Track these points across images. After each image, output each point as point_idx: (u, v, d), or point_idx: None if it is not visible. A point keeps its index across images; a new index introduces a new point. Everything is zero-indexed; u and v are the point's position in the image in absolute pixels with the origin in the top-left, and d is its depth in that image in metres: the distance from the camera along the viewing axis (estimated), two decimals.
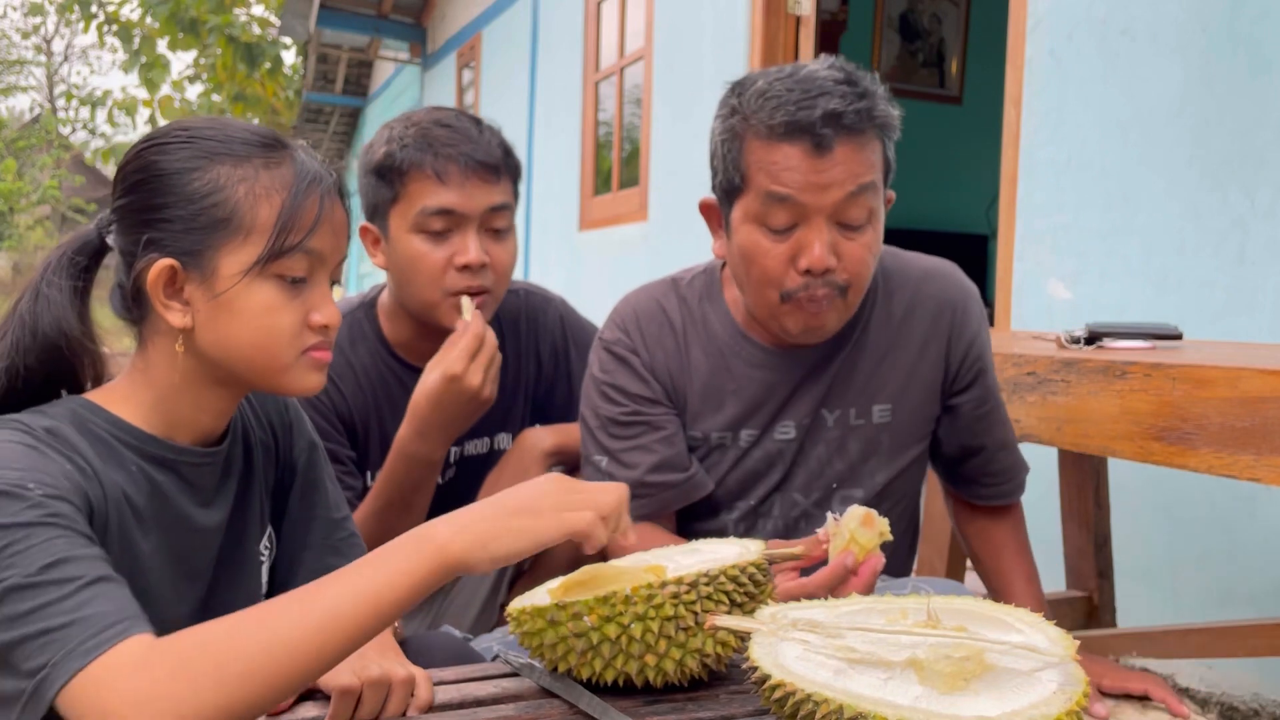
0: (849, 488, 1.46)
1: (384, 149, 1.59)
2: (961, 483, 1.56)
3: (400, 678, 1.00)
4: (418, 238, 1.57)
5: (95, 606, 0.82)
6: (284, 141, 1.04)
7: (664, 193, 5.00)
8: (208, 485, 1.08)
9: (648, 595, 0.99)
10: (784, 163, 1.27)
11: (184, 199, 0.99)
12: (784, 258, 1.31)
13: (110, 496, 0.96)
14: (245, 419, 1.15)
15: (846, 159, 1.27)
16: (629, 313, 1.50)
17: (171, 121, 1.04)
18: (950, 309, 1.47)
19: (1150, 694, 1.39)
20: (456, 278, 1.57)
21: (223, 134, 1.01)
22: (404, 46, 10.39)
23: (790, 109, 1.26)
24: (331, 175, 1.05)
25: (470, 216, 1.57)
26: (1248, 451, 1.28)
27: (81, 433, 0.98)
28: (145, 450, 1.02)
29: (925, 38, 6.26)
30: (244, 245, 0.99)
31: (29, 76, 27.01)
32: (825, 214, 1.28)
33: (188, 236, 0.99)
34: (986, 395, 1.50)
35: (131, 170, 1.01)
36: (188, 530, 1.05)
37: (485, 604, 1.82)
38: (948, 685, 0.84)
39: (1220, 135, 2.25)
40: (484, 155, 1.57)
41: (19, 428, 0.94)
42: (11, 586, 0.82)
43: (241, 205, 0.99)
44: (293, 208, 1.00)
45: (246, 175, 1.00)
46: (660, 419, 1.45)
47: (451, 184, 1.55)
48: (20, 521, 0.85)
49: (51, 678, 0.79)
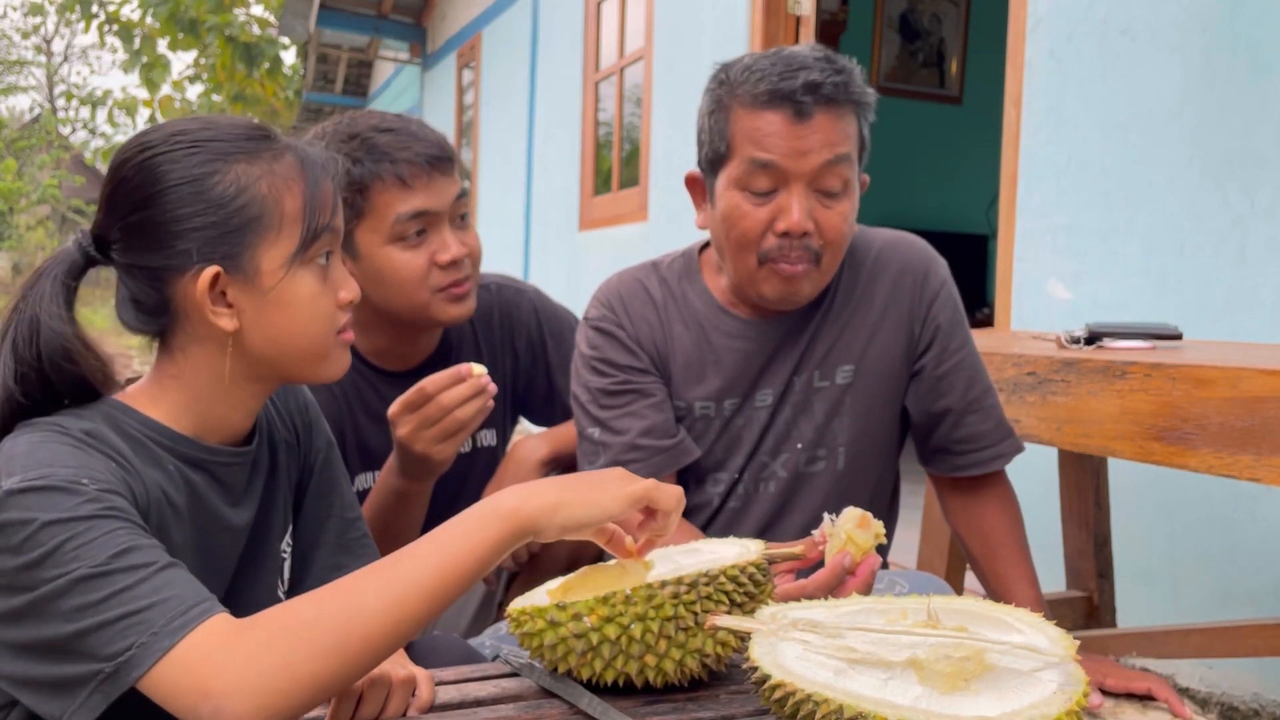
0: (812, 448, 1.50)
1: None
2: (936, 457, 1.56)
3: (400, 678, 1.00)
4: (395, 248, 1.54)
5: (173, 589, 0.84)
6: (268, 130, 1.06)
7: (664, 193, 5.00)
8: (238, 485, 1.09)
9: (648, 595, 0.99)
10: (766, 129, 1.36)
11: (211, 205, 0.99)
12: (763, 220, 1.38)
13: (152, 494, 0.97)
14: (270, 418, 1.16)
15: (824, 128, 1.36)
16: (612, 291, 1.56)
17: (157, 129, 1.03)
18: (910, 274, 1.53)
19: (1154, 694, 1.39)
20: (440, 275, 1.56)
21: (223, 133, 1.01)
22: (404, 46, 10.39)
23: (773, 79, 1.36)
24: (325, 153, 1.07)
25: (442, 213, 1.56)
26: (1248, 451, 1.28)
27: (118, 434, 0.98)
28: (179, 451, 1.02)
29: (925, 38, 6.26)
30: (279, 238, 1.01)
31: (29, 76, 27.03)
32: (804, 180, 1.37)
33: (224, 241, 0.99)
34: (944, 354, 1.52)
35: (140, 183, 0.99)
36: (219, 529, 1.06)
37: (481, 605, 1.82)
38: (948, 685, 0.84)
39: (1220, 135, 2.25)
40: (436, 150, 1.56)
41: (58, 430, 0.94)
42: (80, 577, 0.83)
43: (268, 200, 1.00)
44: (313, 192, 1.02)
45: (263, 170, 1.01)
46: (649, 386, 1.50)
47: (418, 186, 1.53)
48: (80, 515, 0.85)
49: (137, 658, 0.81)
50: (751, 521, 1.50)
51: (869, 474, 1.53)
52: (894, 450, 1.58)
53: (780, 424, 1.50)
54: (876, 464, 1.54)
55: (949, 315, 1.53)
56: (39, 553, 0.84)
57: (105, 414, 0.99)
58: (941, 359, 1.52)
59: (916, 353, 1.53)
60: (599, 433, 1.49)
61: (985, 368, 1.57)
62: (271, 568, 1.14)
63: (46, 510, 0.85)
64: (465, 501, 1.72)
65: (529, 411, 1.85)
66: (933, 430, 1.54)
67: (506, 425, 1.82)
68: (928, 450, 1.58)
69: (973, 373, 1.53)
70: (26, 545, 0.84)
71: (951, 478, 1.57)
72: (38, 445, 0.91)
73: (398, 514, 1.55)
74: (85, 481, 0.88)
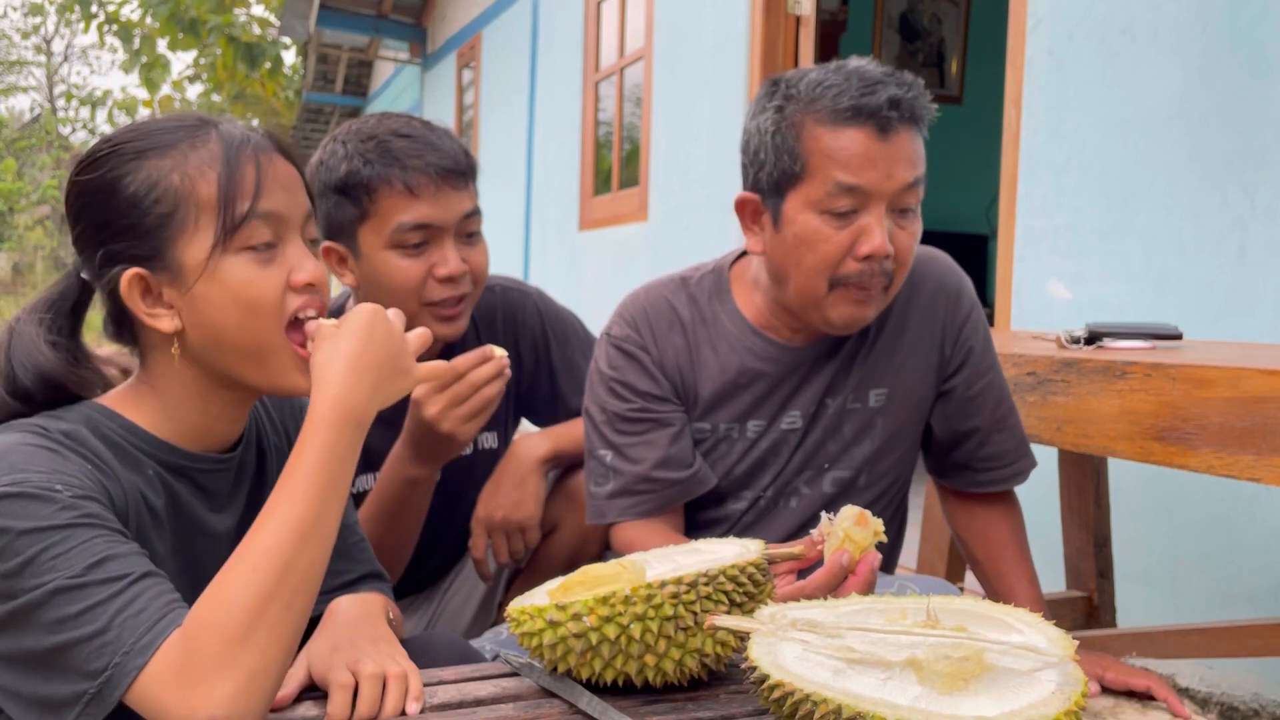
0: (839, 468, 1.48)
1: (345, 166, 1.53)
2: (955, 471, 1.55)
3: (394, 674, 1.00)
4: (394, 254, 1.53)
5: (144, 602, 0.85)
6: (207, 119, 1.03)
7: (664, 193, 5.00)
8: (220, 491, 1.08)
9: (647, 595, 0.99)
10: (851, 147, 1.31)
11: (126, 206, 0.98)
12: (844, 244, 1.33)
13: (130, 497, 0.97)
14: (260, 424, 1.15)
15: (906, 146, 1.32)
16: (638, 309, 1.51)
17: (96, 139, 1.04)
18: (944, 295, 1.51)
19: (1153, 692, 1.38)
20: (436, 288, 1.54)
21: (143, 131, 1.00)
22: (404, 46, 10.39)
23: (854, 94, 1.30)
24: (259, 133, 1.03)
25: (446, 227, 1.54)
26: (1248, 451, 1.28)
27: (97, 436, 0.98)
28: (159, 456, 1.02)
29: (925, 38, 6.26)
30: (198, 231, 0.98)
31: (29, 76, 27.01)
32: (886, 200, 1.32)
33: (142, 241, 0.98)
34: (975, 376, 1.51)
35: (71, 197, 1.01)
36: (201, 535, 1.06)
37: (481, 605, 1.82)
38: (947, 685, 0.84)
39: (1220, 135, 2.25)
40: (450, 162, 1.54)
41: (36, 430, 0.94)
42: (57, 589, 0.83)
43: (180, 192, 0.97)
44: (229, 177, 0.98)
45: (176, 162, 0.98)
46: (668, 416, 1.46)
47: (424, 197, 1.51)
48: (56, 524, 0.85)
49: (115, 679, 0.81)
50: (771, 538, 1.47)
51: (889, 491, 1.53)
52: (911, 467, 1.57)
53: (809, 445, 1.48)
54: (895, 480, 1.53)
55: (981, 338, 1.52)
56: (16, 562, 0.84)
57: (86, 416, 0.99)
58: (973, 381, 1.50)
59: (947, 373, 1.51)
60: (611, 456, 1.46)
61: (1008, 385, 1.57)
62: None
63: (21, 519, 0.85)
64: (466, 504, 1.73)
65: (531, 414, 1.85)
66: (955, 448, 1.54)
67: (508, 428, 1.82)
68: (946, 465, 1.56)
69: (1000, 392, 1.53)
70: (3, 555, 0.84)
71: (968, 492, 1.57)
72: (11, 449, 0.91)
73: (405, 504, 1.55)
74: (59, 488, 0.87)
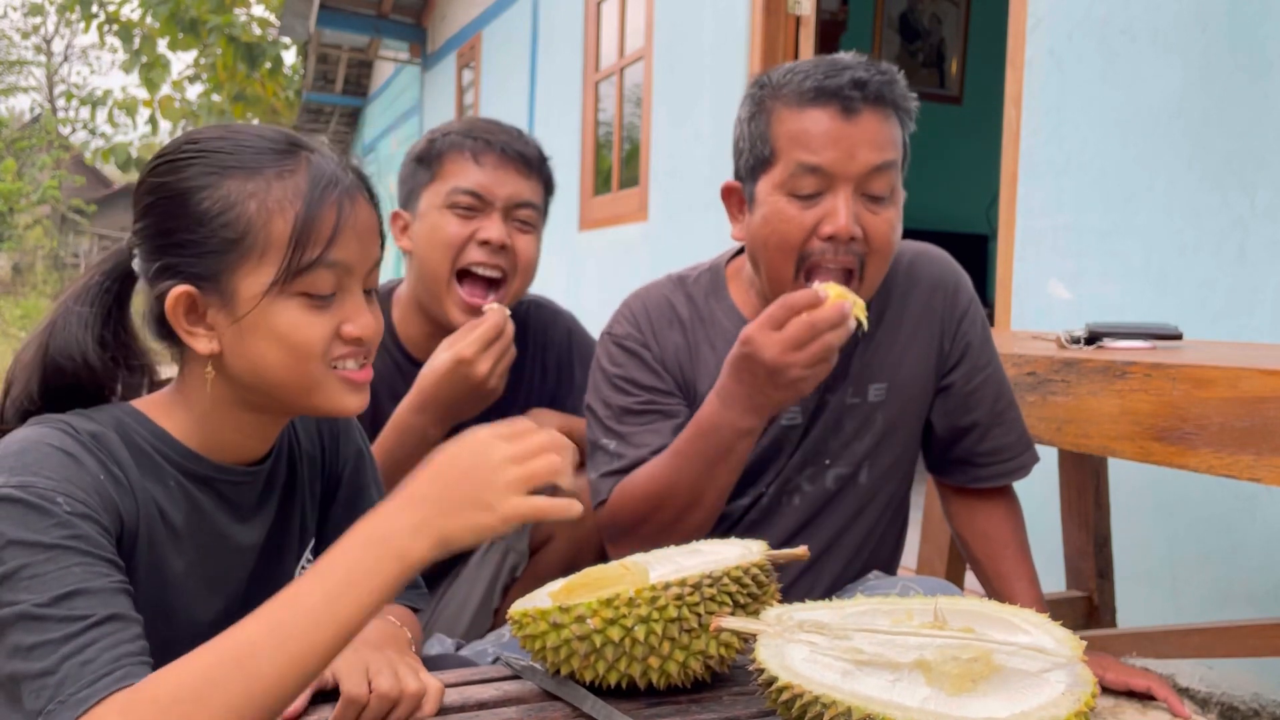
0: (840, 464, 1.48)
1: (429, 139, 1.68)
2: (956, 467, 1.55)
3: (411, 691, 0.99)
4: (445, 213, 1.63)
5: (95, 651, 0.81)
6: (300, 143, 0.98)
7: (664, 193, 5.00)
8: (247, 503, 1.06)
9: (651, 597, 0.99)
10: (813, 128, 1.32)
11: (195, 221, 0.94)
12: (808, 224, 1.33)
13: (144, 510, 0.95)
14: (293, 432, 1.13)
15: (872, 128, 1.33)
16: (638, 307, 1.52)
17: (184, 134, 1.00)
18: (941, 290, 1.51)
19: (1154, 692, 1.38)
20: (476, 251, 1.63)
21: (233, 144, 0.96)
22: (404, 46, 10.38)
23: (819, 77, 1.33)
24: (349, 175, 0.99)
25: (497, 202, 1.64)
26: (1248, 451, 1.28)
27: (124, 442, 0.96)
28: (185, 466, 1.00)
29: (925, 38, 6.26)
30: (260, 265, 0.94)
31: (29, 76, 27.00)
32: (852, 182, 1.32)
33: (202, 261, 0.94)
34: (974, 370, 1.51)
35: (145, 191, 0.97)
36: (224, 548, 1.04)
37: (479, 610, 1.82)
38: (955, 686, 0.85)
39: (1220, 135, 2.25)
40: (520, 146, 1.66)
41: (63, 429, 0.93)
42: (21, 614, 0.82)
43: (254, 223, 0.93)
44: (307, 219, 0.94)
45: (258, 189, 0.94)
46: (672, 408, 1.47)
47: (486, 166, 1.64)
48: (43, 541, 0.84)
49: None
50: (773, 536, 1.47)
51: (889, 486, 1.52)
52: (913, 464, 1.56)
53: (810, 442, 1.48)
54: (897, 477, 1.53)
55: (979, 332, 1.52)
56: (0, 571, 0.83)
57: (117, 419, 0.98)
58: (971, 375, 1.51)
59: (946, 368, 1.51)
60: (615, 444, 1.47)
61: (1009, 380, 1.57)
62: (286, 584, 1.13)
63: (15, 528, 0.84)
64: None
65: None
66: (955, 443, 1.54)
67: None
68: (946, 461, 1.56)
69: (999, 387, 1.53)
70: None
71: (968, 488, 1.57)
72: (32, 445, 0.90)
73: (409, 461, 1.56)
74: (60, 499, 0.86)
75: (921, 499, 2.24)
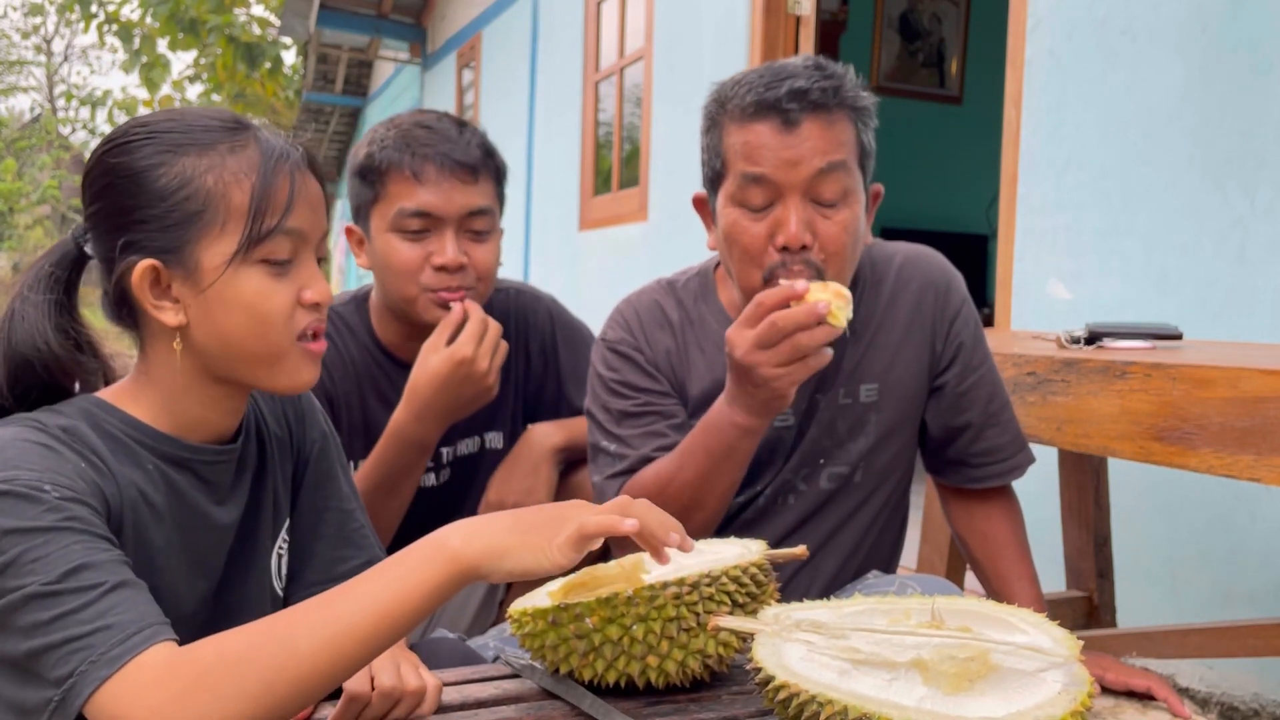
0: (835, 465, 1.49)
1: (365, 150, 1.61)
2: (951, 468, 1.56)
3: (412, 688, 1.00)
4: (395, 237, 1.58)
5: (119, 614, 0.83)
6: (245, 122, 1.03)
7: (664, 193, 5.00)
8: (223, 483, 1.07)
9: (649, 596, 0.99)
10: (755, 141, 1.34)
11: (154, 197, 0.97)
12: (762, 236, 1.35)
13: (126, 495, 0.96)
14: (259, 414, 1.15)
15: (814, 135, 1.33)
16: (630, 312, 1.54)
17: (126, 122, 1.03)
18: (932, 290, 1.51)
19: (1154, 692, 1.38)
20: (433, 277, 1.57)
21: (183, 124, 1.00)
22: (404, 46, 10.39)
23: (759, 90, 1.34)
24: (298, 150, 1.03)
25: (447, 218, 1.57)
26: (1248, 451, 1.28)
27: (96, 431, 0.97)
28: (160, 449, 1.01)
29: (925, 38, 6.26)
30: (222, 235, 0.98)
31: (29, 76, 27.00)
32: (799, 191, 1.34)
33: (164, 234, 0.98)
34: (967, 371, 1.51)
35: (97, 175, 1.00)
36: (203, 528, 1.05)
37: (482, 605, 1.82)
38: (952, 686, 0.85)
39: (1220, 135, 2.25)
40: (461, 155, 1.57)
41: (34, 425, 0.94)
42: (32, 594, 0.82)
43: (213, 194, 0.97)
44: (264, 189, 0.98)
45: (213, 163, 0.98)
46: (670, 408, 1.48)
47: (428, 184, 1.56)
48: (39, 526, 0.85)
49: (79, 686, 0.80)
50: (770, 536, 1.47)
51: (886, 486, 1.53)
52: (910, 464, 1.57)
53: (805, 442, 1.48)
54: (893, 477, 1.53)
55: (971, 332, 1.53)
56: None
57: (85, 411, 0.99)
58: (964, 376, 1.51)
59: (938, 369, 1.51)
60: (615, 447, 1.48)
61: (1003, 380, 1.57)
62: (262, 566, 1.13)
63: (8, 518, 0.84)
64: (471, 503, 1.73)
65: (538, 415, 1.85)
66: (950, 444, 1.54)
67: (515, 428, 1.82)
68: (942, 462, 1.57)
69: (993, 387, 1.53)
70: None
71: (965, 489, 1.57)
72: (7, 443, 0.91)
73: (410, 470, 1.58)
74: (48, 488, 0.87)
75: (921, 499, 2.24)
